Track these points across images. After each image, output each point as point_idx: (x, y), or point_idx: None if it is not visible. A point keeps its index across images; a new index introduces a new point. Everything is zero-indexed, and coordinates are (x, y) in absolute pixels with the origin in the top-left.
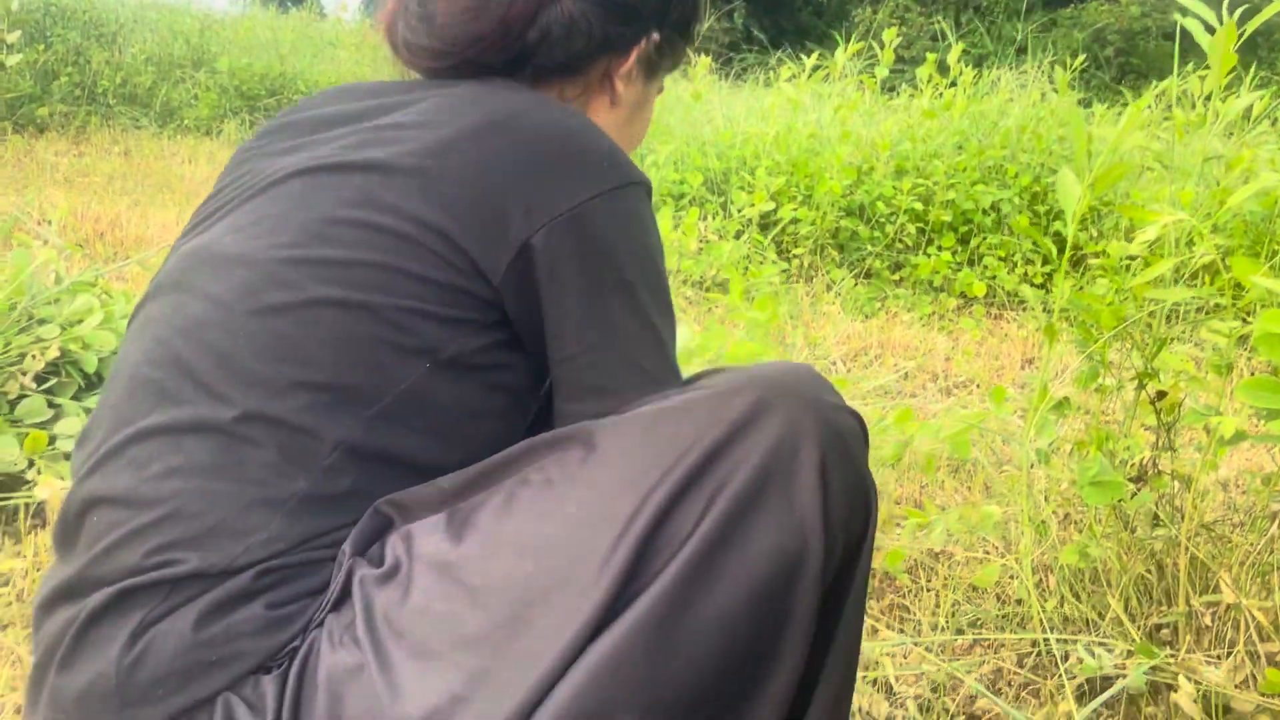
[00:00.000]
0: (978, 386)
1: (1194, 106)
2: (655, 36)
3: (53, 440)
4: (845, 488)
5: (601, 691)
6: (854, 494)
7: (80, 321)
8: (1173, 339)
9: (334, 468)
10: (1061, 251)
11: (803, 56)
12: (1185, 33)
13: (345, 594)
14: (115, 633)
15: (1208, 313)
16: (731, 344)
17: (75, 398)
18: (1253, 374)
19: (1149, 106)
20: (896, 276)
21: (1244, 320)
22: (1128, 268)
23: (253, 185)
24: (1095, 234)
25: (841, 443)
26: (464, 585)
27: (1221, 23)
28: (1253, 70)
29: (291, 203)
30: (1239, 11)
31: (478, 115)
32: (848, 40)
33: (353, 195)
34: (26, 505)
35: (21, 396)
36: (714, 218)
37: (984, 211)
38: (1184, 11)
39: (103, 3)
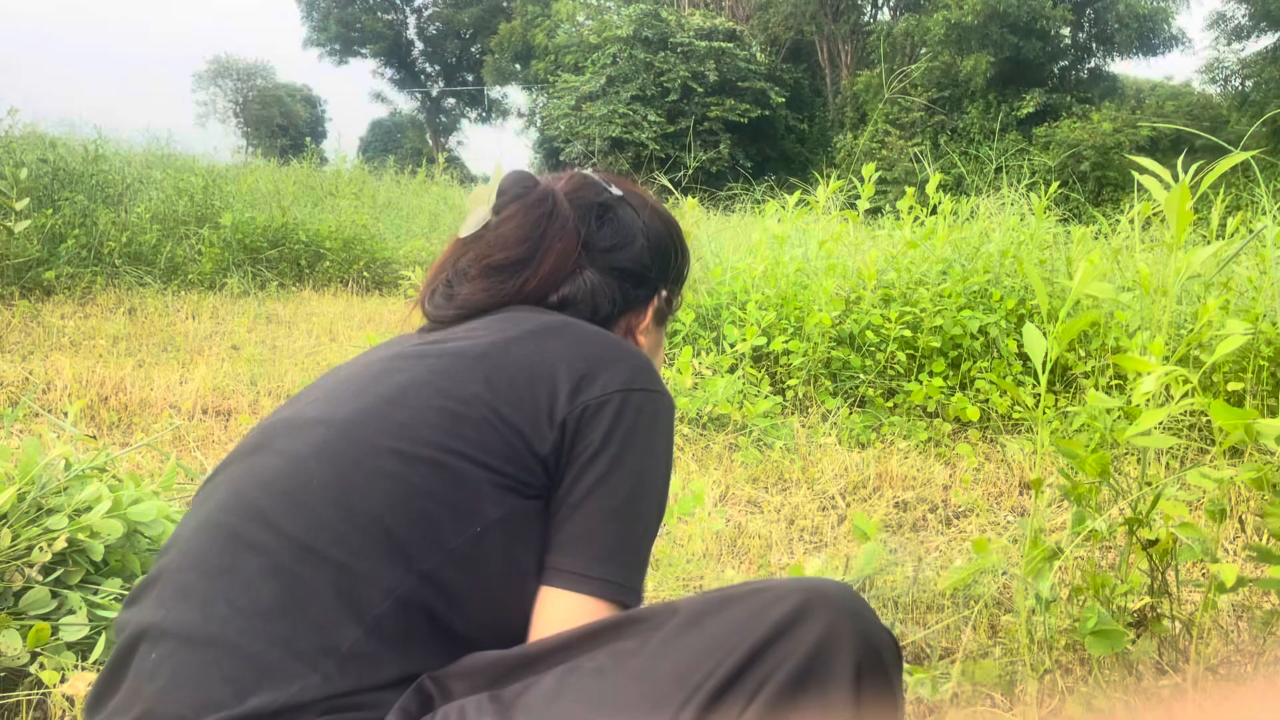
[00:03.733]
0: (977, 515)
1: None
2: (664, 293)
3: (55, 632)
4: (876, 698)
5: None
6: (883, 708)
7: (89, 509)
8: (1162, 482)
9: (384, 619)
10: (1049, 380)
11: (785, 193)
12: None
13: None
14: None
15: (1192, 452)
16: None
17: (81, 585)
18: (1240, 519)
19: (1131, 221)
20: (890, 403)
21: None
22: (1108, 410)
23: (335, 374)
24: (1083, 353)
25: (877, 656)
26: None
27: (1176, 179)
28: (1221, 192)
29: (370, 378)
30: (1193, 169)
31: (534, 323)
32: (830, 165)
33: (424, 373)
34: (28, 701)
35: (26, 588)
36: (707, 353)
37: (972, 336)
38: (1153, 126)
39: (110, 164)
